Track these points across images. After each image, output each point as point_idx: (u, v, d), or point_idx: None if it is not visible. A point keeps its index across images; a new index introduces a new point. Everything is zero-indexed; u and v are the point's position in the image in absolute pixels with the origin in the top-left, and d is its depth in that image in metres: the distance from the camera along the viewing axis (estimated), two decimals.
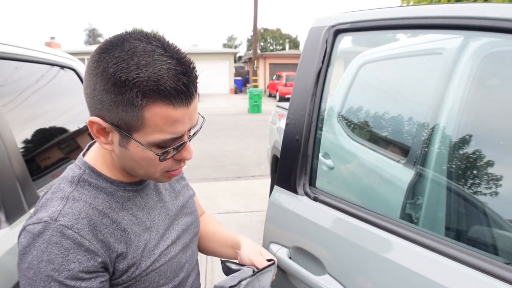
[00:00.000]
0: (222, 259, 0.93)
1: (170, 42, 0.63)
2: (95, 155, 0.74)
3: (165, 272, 0.77)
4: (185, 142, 0.66)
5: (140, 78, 0.57)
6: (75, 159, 1.62)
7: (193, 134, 0.69)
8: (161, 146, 0.64)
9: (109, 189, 0.71)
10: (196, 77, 0.62)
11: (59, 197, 0.66)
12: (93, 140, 0.78)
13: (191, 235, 0.88)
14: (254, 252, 0.88)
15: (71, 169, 0.72)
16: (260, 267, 0.82)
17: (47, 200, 0.67)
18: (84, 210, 0.66)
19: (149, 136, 0.62)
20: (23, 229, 0.64)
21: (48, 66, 1.54)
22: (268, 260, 0.85)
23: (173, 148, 0.65)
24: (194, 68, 0.62)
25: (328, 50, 1.00)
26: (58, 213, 0.63)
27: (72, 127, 1.64)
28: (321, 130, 1.05)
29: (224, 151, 6.90)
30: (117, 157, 0.69)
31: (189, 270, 0.86)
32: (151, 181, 0.80)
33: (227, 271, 0.87)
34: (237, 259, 0.92)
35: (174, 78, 0.58)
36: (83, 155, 0.76)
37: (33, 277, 0.61)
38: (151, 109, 0.59)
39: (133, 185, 0.75)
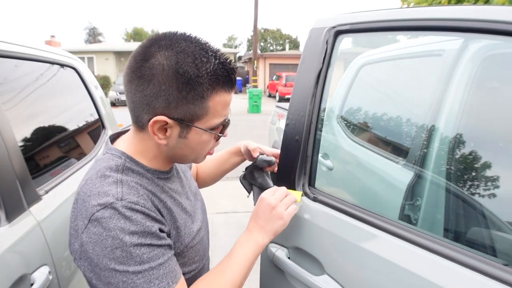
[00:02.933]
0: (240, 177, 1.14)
1: (203, 39, 0.72)
2: (129, 147, 0.77)
3: (199, 250, 0.86)
4: (229, 119, 0.79)
5: (207, 73, 0.67)
6: (74, 157, 1.61)
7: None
8: (214, 128, 0.75)
9: (148, 175, 0.77)
10: (236, 68, 0.74)
11: (111, 182, 0.69)
12: (115, 132, 0.85)
13: (206, 220, 0.97)
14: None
15: (111, 159, 0.74)
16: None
17: (95, 187, 0.68)
18: (140, 190, 0.71)
19: (209, 121, 0.73)
20: (89, 221, 0.65)
21: (49, 65, 1.54)
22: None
23: (223, 126, 0.78)
24: (229, 58, 0.72)
25: (328, 51, 1.00)
26: (121, 194, 0.67)
27: (72, 126, 1.64)
28: (321, 130, 1.05)
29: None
30: (169, 148, 0.76)
31: (208, 252, 0.96)
32: (174, 170, 0.88)
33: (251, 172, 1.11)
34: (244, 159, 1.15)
35: (227, 70, 0.70)
36: (113, 144, 0.80)
37: (122, 254, 0.64)
38: (214, 98, 0.71)
39: (164, 173, 0.81)
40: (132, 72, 0.69)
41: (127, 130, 0.83)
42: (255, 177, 1.11)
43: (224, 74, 0.70)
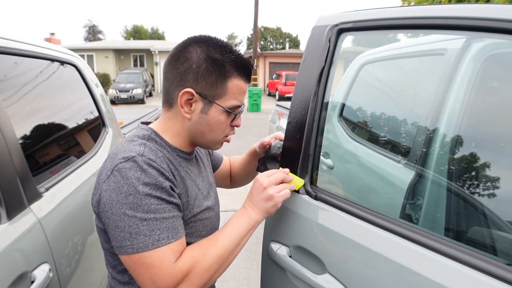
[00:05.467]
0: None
1: (228, 42, 0.89)
2: (156, 125, 0.91)
3: (207, 226, 0.95)
4: (243, 108, 0.92)
5: (230, 59, 0.85)
6: (75, 155, 1.61)
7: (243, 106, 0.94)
8: (230, 111, 0.88)
9: (169, 149, 0.89)
10: (252, 65, 0.91)
11: (137, 144, 0.82)
12: (146, 121, 0.96)
13: (218, 208, 1.05)
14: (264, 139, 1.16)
15: (140, 131, 0.89)
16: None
17: (123, 147, 0.81)
18: (159, 153, 0.83)
19: (227, 102, 0.87)
20: (111, 172, 0.76)
21: (49, 62, 1.54)
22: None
23: (237, 112, 0.90)
24: (250, 59, 0.88)
25: (330, 49, 1.00)
26: (143, 151, 0.79)
27: (72, 123, 1.64)
28: (323, 129, 1.05)
29: (223, 150, 6.82)
30: (192, 124, 0.88)
31: None
32: (194, 157, 0.99)
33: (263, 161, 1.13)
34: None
35: (245, 61, 0.87)
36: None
37: (133, 200, 0.74)
38: (232, 81, 0.86)
39: (185, 153, 0.93)
40: (171, 57, 0.87)
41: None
42: (268, 168, 1.12)
43: (242, 63, 0.87)
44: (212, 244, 0.83)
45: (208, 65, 0.83)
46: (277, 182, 0.92)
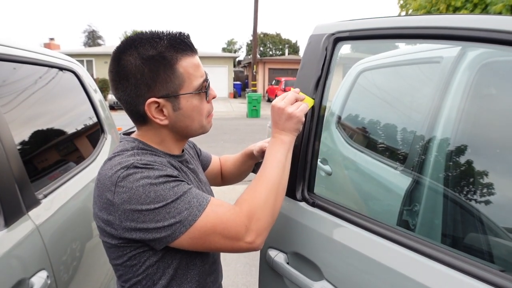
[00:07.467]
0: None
1: (155, 30, 0.83)
2: (140, 136, 0.88)
3: None
4: (209, 80, 0.88)
5: (165, 47, 0.79)
6: (73, 161, 1.61)
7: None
8: (199, 91, 0.84)
9: (160, 154, 0.87)
10: (188, 35, 0.85)
11: (128, 155, 0.80)
12: (127, 132, 0.94)
13: None
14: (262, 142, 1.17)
15: (126, 143, 0.86)
16: None
17: (115, 161, 0.78)
18: (155, 157, 0.83)
19: (190, 85, 0.83)
20: (116, 185, 0.74)
21: (48, 68, 1.54)
22: None
23: (205, 87, 0.86)
24: (180, 31, 0.83)
25: (327, 57, 1.01)
26: (140, 158, 0.78)
27: (71, 129, 1.64)
28: (320, 136, 1.06)
29: (222, 154, 6.85)
30: (172, 126, 0.86)
31: None
32: (185, 157, 0.97)
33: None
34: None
35: (179, 37, 0.81)
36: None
37: (155, 194, 0.73)
38: (181, 64, 0.81)
39: (175, 157, 0.91)
40: (113, 81, 0.83)
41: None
42: None
43: (178, 42, 0.81)
44: (259, 181, 0.85)
45: (150, 66, 0.78)
46: (292, 101, 0.93)
